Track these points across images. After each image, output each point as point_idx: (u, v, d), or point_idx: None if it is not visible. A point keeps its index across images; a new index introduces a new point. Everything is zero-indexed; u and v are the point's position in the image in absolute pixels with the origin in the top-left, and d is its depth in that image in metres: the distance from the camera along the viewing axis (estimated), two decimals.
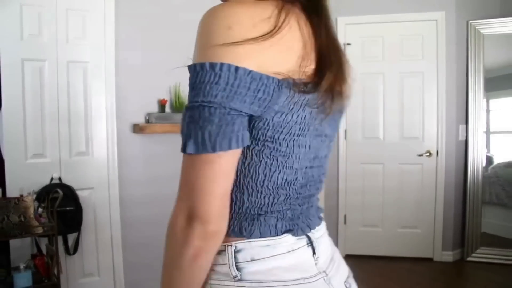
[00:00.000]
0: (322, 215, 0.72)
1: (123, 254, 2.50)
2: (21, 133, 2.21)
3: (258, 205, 0.59)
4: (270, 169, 0.58)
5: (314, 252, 0.63)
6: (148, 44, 2.52)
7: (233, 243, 0.59)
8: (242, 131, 0.53)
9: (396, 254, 3.30)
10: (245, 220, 0.59)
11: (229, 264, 0.58)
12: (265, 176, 0.58)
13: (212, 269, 0.59)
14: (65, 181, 2.29)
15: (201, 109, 0.51)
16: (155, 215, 2.57)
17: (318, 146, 0.63)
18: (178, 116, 2.51)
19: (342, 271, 0.69)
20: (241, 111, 0.52)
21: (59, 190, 2.14)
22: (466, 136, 3.23)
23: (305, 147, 0.60)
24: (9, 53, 2.17)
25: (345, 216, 3.38)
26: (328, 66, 0.58)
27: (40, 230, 1.92)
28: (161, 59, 2.55)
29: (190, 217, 0.54)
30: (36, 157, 2.25)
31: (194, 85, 0.52)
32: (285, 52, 0.54)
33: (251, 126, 0.55)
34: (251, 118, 0.55)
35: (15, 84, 2.19)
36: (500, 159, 3.31)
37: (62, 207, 2.14)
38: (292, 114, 0.56)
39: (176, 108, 2.56)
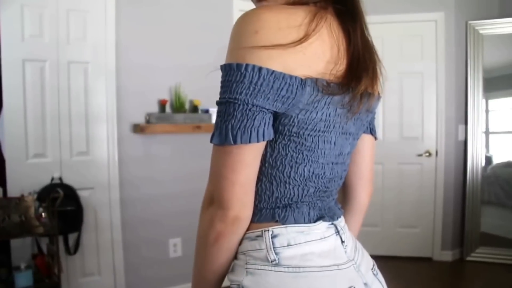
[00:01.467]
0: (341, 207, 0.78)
1: (123, 253, 2.50)
2: (22, 133, 2.22)
3: (288, 195, 0.63)
4: (296, 161, 0.62)
5: (342, 241, 0.67)
6: (149, 44, 2.53)
7: (270, 228, 0.62)
8: (264, 127, 0.57)
9: (395, 253, 3.31)
10: (277, 208, 0.63)
11: (267, 248, 0.61)
12: (291, 168, 0.62)
13: (249, 255, 0.62)
14: (66, 181, 2.30)
15: (227, 105, 0.56)
16: (156, 214, 2.58)
17: (342, 143, 0.67)
18: (179, 116, 2.51)
19: (367, 260, 0.72)
20: (263, 107, 0.56)
21: (59, 190, 2.15)
22: (465, 136, 3.24)
23: (330, 143, 0.64)
24: (10, 54, 2.17)
25: None
26: (365, 70, 0.62)
27: (40, 230, 1.93)
28: (161, 59, 2.56)
29: (213, 201, 0.60)
30: (37, 157, 2.26)
31: (223, 83, 0.57)
32: (312, 58, 0.57)
33: (278, 121, 0.59)
34: (277, 114, 0.58)
35: (16, 85, 2.20)
36: (499, 159, 3.32)
37: (62, 207, 2.14)
38: (317, 112, 0.59)
39: (176, 108, 2.57)
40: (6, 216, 1.89)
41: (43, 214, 2.03)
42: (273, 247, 0.60)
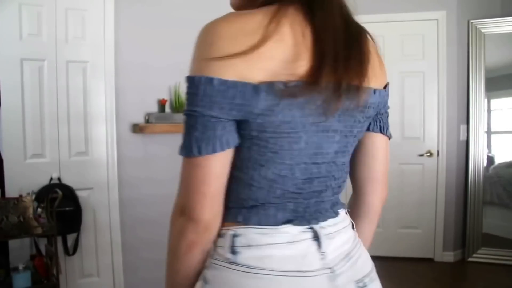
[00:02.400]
0: (342, 211, 0.73)
1: (122, 254, 2.49)
2: (20, 133, 2.21)
3: (253, 197, 0.63)
4: (260, 164, 0.61)
5: (320, 247, 0.63)
6: (148, 44, 2.51)
7: (232, 227, 0.63)
8: (227, 135, 0.58)
9: (397, 254, 3.29)
10: (243, 208, 0.63)
11: (226, 246, 0.62)
12: (255, 170, 0.62)
13: (215, 250, 0.63)
14: (65, 181, 2.29)
15: (189, 117, 0.58)
16: (155, 215, 2.56)
17: (321, 142, 0.63)
18: (178, 116, 2.50)
19: (358, 269, 0.68)
20: (220, 117, 0.56)
21: (58, 190, 2.14)
22: (467, 136, 3.22)
23: (300, 144, 0.61)
24: (8, 53, 2.16)
25: None
26: (329, 63, 0.58)
27: (39, 230, 1.92)
28: (161, 59, 2.54)
29: (184, 213, 0.61)
30: (35, 157, 2.25)
31: (186, 96, 0.59)
32: (270, 61, 0.56)
33: (239, 127, 0.59)
34: (238, 120, 0.59)
35: (14, 84, 2.18)
36: (501, 159, 3.31)
37: (61, 207, 2.13)
38: (278, 115, 0.58)
39: (176, 108, 2.56)
40: (4, 216, 1.87)
41: (41, 214, 2.02)
42: (234, 246, 0.61)
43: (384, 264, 3.25)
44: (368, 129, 0.74)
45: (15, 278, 1.87)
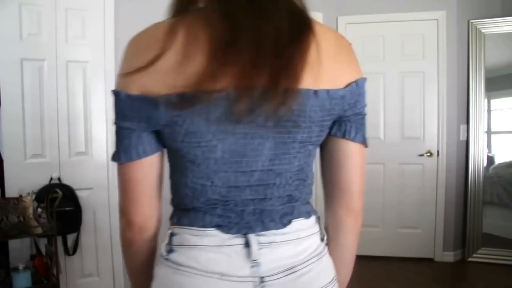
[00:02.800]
0: (300, 221, 0.67)
1: (122, 254, 2.48)
2: (20, 133, 2.20)
3: (183, 202, 0.66)
4: (180, 172, 0.65)
5: (250, 255, 0.62)
6: None
7: (172, 227, 0.68)
8: (143, 144, 0.62)
9: (397, 254, 3.29)
10: (180, 210, 0.68)
11: (164, 244, 0.67)
12: (178, 178, 0.66)
13: (164, 246, 0.69)
14: (65, 181, 2.29)
15: (115, 128, 0.64)
16: None
17: (243, 151, 0.61)
18: None
19: (302, 285, 0.64)
20: (132, 129, 0.61)
21: (58, 190, 2.14)
22: (467, 136, 3.22)
23: (217, 153, 0.61)
24: (8, 53, 2.16)
25: None
26: (225, 69, 0.55)
27: (39, 230, 1.92)
28: None
29: (122, 214, 0.68)
30: (35, 157, 2.24)
31: None
32: (167, 73, 0.57)
33: (160, 136, 0.63)
34: (155, 130, 0.62)
35: (14, 84, 2.18)
36: (501, 159, 3.30)
37: (61, 207, 2.13)
38: (182, 126, 0.58)
39: None
40: (4, 216, 1.87)
41: (41, 214, 2.02)
42: (171, 244, 0.66)
43: (384, 264, 3.26)
44: (330, 133, 0.67)
45: (15, 278, 1.87)
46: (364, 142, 0.69)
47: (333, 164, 0.70)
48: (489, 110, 3.23)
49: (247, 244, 0.63)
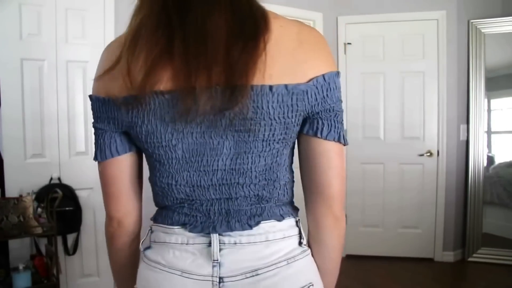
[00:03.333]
0: (270, 223, 0.65)
1: None
2: (20, 133, 2.20)
3: (156, 200, 0.70)
4: (153, 171, 0.68)
5: (212, 255, 0.63)
6: None
7: (151, 225, 0.72)
8: (116, 144, 0.66)
9: (397, 254, 3.29)
10: (157, 208, 0.72)
11: (144, 241, 0.72)
12: (152, 177, 0.69)
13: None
14: (65, 181, 2.29)
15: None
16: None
17: (203, 150, 0.62)
18: None
19: None
20: (104, 129, 0.66)
21: (58, 190, 2.14)
22: (467, 136, 3.22)
23: (178, 152, 0.63)
24: (8, 53, 2.16)
25: (345, 216, 3.36)
26: (158, 70, 0.57)
27: (39, 230, 1.92)
28: None
29: (105, 210, 0.72)
30: (36, 157, 2.24)
31: None
32: (122, 76, 0.59)
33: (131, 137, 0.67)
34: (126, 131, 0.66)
35: (14, 84, 2.18)
36: (501, 159, 3.30)
37: (61, 207, 2.13)
38: (142, 126, 0.62)
39: None
40: (4, 216, 1.87)
41: (41, 214, 2.02)
42: (150, 241, 0.70)
43: (384, 264, 3.25)
44: (303, 132, 0.64)
45: (15, 278, 1.87)
46: (339, 141, 0.64)
47: (309, 164, 0.66)
48: (489, 110, 3.22)
49: (210, 244, 0.63)
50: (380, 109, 3.30)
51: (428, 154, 3.22)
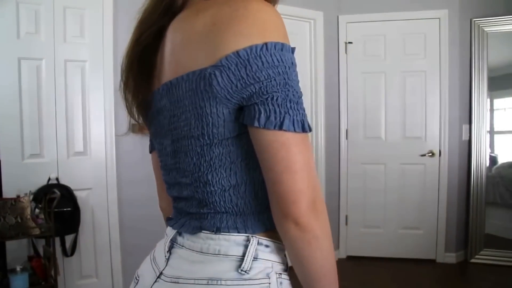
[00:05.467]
0: (205, 233, 0.59)
1: (121, 255, 2.47)
2: (18, 133, 2.19)
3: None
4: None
5: (167, 250, 0.65)
6: None
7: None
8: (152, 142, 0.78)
9: (398, 255, 3.26)
10: None
11: None
12: None
13: None
14: (63, 181, 2.27)
15: None
16: (154, 216, 2.53)
17: (160, 149, 0.69)
18: None
19: None
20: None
21: (56, 190, 2.12)
22: (470, 136, 3.19)
23: (161, 149, 0.69)
24: (6, 52, 2.14)
25: (346, 216, 3.35)
26: (123, 74, 0.69)
27: (37, 231, 1.90)
28: None
29: None
30: (33, 157, 2.23)
31: None
32: None
33: None
34: None
35: (12, 83, 2.16)
36: (504, 159, 3.28)
37: (59, 207, 2.11)
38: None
39: None
40: (2, 217, 1.85)
41: (39, 215, 2.00)
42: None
43: (385, 265, 3.23)
44: (243, 123, 0.54)
45: (13, 280, 1.85)
46: (282, 128, 0.51)
47: (259, 161, 0.55)
48: (491, 110, 3.20)
49: (171, 241, 0.67)
50: (381, 109, 3.27)
51: (430, 154, 3.20)
